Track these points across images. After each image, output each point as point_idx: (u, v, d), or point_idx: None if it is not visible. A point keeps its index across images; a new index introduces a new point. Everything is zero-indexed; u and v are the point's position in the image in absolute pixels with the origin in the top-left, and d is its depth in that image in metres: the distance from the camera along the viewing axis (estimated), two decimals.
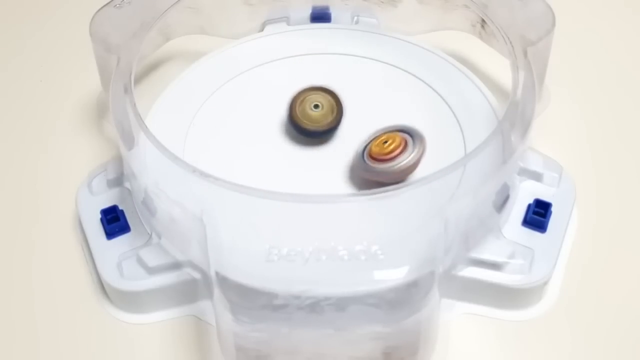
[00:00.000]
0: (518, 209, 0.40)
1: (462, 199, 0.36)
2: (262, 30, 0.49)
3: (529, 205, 0.40)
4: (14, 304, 0.40)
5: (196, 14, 0.47)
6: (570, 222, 0.41)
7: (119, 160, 0.42)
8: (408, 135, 0.40)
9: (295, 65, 0.46)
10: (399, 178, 0.39)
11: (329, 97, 0.42)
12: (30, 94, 0.50)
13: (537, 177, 0.41)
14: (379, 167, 0.39)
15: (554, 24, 0.42)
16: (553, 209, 0.40)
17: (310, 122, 0.42)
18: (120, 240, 0.40)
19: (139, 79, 0.47)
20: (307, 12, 0.49)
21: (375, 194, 0.34)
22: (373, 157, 0.40)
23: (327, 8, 0.49)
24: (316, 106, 0.42)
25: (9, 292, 0.41)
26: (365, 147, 0.40)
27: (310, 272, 0.34)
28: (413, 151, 0.39)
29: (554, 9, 0.42)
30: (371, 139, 0.40)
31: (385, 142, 0.40)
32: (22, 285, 0.41)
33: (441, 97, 0.44)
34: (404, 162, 0.39)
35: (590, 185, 0.43)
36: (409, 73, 0.46)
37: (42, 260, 0.42)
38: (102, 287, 0.40)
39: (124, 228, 0.40)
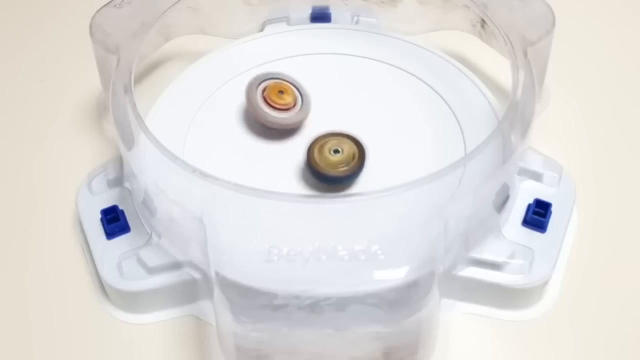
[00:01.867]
0: (518, 209, 0.40)
1: (462, 199, 0.36)
2: (262, 30, 0.49)
3: (529, 205, 0.40)
4: (13, 304, 0.40)
5: (196, 14, 0.47)
6: (570, 222, 0.41)
7: (119, 160, 0.42)
8: (299, 95, 0.43)
9: (295, 65, 0.46)
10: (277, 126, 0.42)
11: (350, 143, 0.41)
12: (30, 93, 0.50)
13: (537, 177, 0.41)
14: (264, 111, 0.42)
15: (554, 24, 0.42)
16: (553, 209, 0.40)
17: (330, 168, 0.40)
18: (120, 240, 0.40)
19: (139, 79, 0.47)
20: (307, 12, 0.49)
21: (375, 194, 0.34)
22: (265, 98, 0.42)
23: (327, 8, 0.49)
24: (336, 151, 0.41)
25: (9, 292, 0.41)
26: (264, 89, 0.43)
27: (310, 272, 0.34)
28: (297, 114, 0.43)
29: (554, 9, 0.42)
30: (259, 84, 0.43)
31: (281, 92, 0.42)
32: (22, 286, 0.41)
33: (441, 97, 0.44)
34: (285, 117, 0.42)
35: (590, 185, 0.43)
36: (409, 73, 0.46)
37: (42, 261, 0.42)
38: (102, 287, 0.40)
39: (124, 228, 0.40)
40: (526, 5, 0.43)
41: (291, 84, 0.43)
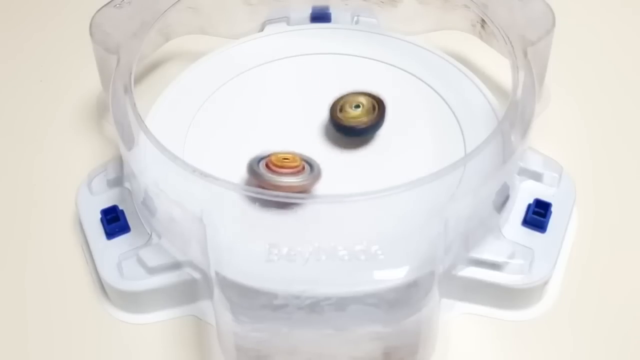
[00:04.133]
0: (518, 209, 0.40)
1: (462, 199, 0.36)
2: (262, 30, 0.49)
3: (529, 205, 0.40)
4: (13, 304, 0.40)
5: (196, 14, 0.47)
6: (570, 222, 0.41)
7: (119, 160, 0.42)
8: (307, 164, 0.40)
9: (295, 65, 0.46)
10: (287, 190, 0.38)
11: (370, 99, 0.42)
12: (30, 93, 0.50)
13: (537, 177, 0.41)
14: (271, 177, 0.38)
15: (554, 24, 0.42)
16: (553, 209, 0.40)
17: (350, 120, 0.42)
18: (120, 240, 0.40)
19: (139, 79, 0.47)
20: (307, 12, 0.49)
21: (375, 194, 0.34)
22: (269, 167, 0.39)
23: (327, 8, 0.49)
24: (357, 106, 0.42)
25: (9, 292, 0.41)
26: (264, 158, 0.39)
27: (310, 272, 0.34)
28: (308, 177, 0.39)
29: (554, 9, 0.42)
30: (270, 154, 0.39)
31: (286, 158, 0.39)
32: (22, 286, 0.41)
33: (441, 97, 0.44)
34: (295, 182, 0.39)
35: (590, 185, 0.43)
36: (409, 73, 0.46)
37: (42, 261, 0.42)
38: (102, 287, 0.40)
39: (124, 228, 0.40)
40: (526, 5, 0.43)
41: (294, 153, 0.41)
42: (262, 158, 0.39)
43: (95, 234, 0.40)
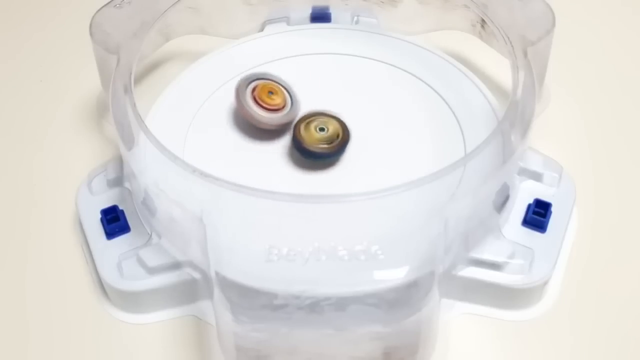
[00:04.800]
0: (518, 209, 0.40)
1: (462, 199, 0.36)
2: (262, 30, 0.49)
3: (529, 205, 0.40)
4: (13, 304, 0.40)
5: (196, 14, 0.47)
6: (570, 222, 0.41)
7: (119, 160, 0.42)
8: (289, 96, 0.43)
9: (295, 65, 0.46)
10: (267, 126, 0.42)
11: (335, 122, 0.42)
12: (30, 93, 0.50)
13: (537, 177, 0.41)
14: (255, 111, 0.42)
15: (554, 24, 0.42)
16: (553, 209, 0.40)
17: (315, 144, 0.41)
18: (120, 240, 0.40)
19: (139, 79, 0.47)
20: (307, 12, 0.49)
21: (375, 194, 0.34)
22: (256, 101, 0.42)
23: (327, 8, 0.49)
24: (322, 129, 0.41)
25: (9, 292, 0.41)
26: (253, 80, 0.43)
27: (310, 272, 0.34)
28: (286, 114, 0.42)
29: (554, 9, 0.42)
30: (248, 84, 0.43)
31: (271, 92, 0.42)
32: (22, 286, 0.41)
33: (441, 97, 0.44)
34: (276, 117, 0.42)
35: (590, 185, 0.43)
36: (409, 73, 0.46)
37: (42, 261, 0.42)
38: (102, 287, 0.40)
39: (124, 228, 0.40)
40: (526, 5, 0.43)
41: (281, 85, 0.43)
42: (252, 80, 0.43)
43: (95, 234, 0.40)
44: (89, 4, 0.44)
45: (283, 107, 0.43)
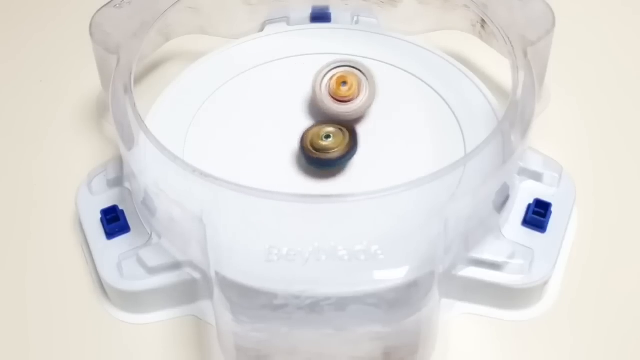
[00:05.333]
0: (518, 209, 0.40)
1: (462, 199, 0.36)
2: (262, 30, 0.49)
3: (529, 205, 0.40)
4: (13, 304, 0.40)
5: (196, 14, 0.47)
6: (570, 222, 0.41)
7: (119, 160, 0.42)
8: (361, 74, 0.43)
9: (295, 65, 0.46)
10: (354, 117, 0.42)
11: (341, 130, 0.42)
12: (30, 93, 0.50)
13: (537, 177, 0.41)
14: (336, 108, 0.42)
15: (554, 24, 0.42)
16: (553, 209, 0.40)
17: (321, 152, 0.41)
18: (120, 240, 0.40)
19: (139, 79, 0.47)
20: (307, 12, 0.49)
21: (375, 194, 0.34)
22: (333, 97, 0.42)
23: (327, 8, 0.49)
24: (327, 136, 0.41)
25: (9, 292, 0.41)
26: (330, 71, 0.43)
27: (310, 272, 0.34)
28: (366, 93, 0.42)
29: (554, 9, 0.42)
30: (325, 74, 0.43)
31: (344, 83, 0.42)
32: (22, 286, 0.41)
33: (441, 97, 0.44)
34: (359, 104, 0.42)
35: (590, 185, 0.43)
36: (409, 73, 0.46)
37: (42, 261, 0.42)
38: (102, 287, 0.40)
39: (124, 228, 0.40)
40: (526, 5, 0.43)
41: (359, 70, 0.43)
42: (328, 71, 0.43)
43: (95, 234, 0.40)
44: (89, 4, 0.44)
45: (358, 96, 0.42)
